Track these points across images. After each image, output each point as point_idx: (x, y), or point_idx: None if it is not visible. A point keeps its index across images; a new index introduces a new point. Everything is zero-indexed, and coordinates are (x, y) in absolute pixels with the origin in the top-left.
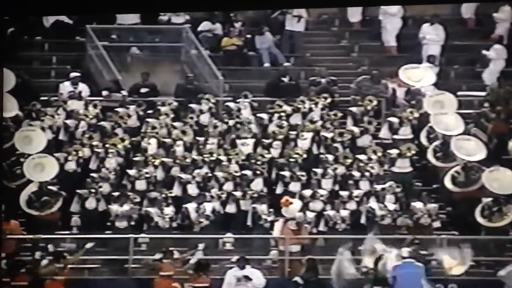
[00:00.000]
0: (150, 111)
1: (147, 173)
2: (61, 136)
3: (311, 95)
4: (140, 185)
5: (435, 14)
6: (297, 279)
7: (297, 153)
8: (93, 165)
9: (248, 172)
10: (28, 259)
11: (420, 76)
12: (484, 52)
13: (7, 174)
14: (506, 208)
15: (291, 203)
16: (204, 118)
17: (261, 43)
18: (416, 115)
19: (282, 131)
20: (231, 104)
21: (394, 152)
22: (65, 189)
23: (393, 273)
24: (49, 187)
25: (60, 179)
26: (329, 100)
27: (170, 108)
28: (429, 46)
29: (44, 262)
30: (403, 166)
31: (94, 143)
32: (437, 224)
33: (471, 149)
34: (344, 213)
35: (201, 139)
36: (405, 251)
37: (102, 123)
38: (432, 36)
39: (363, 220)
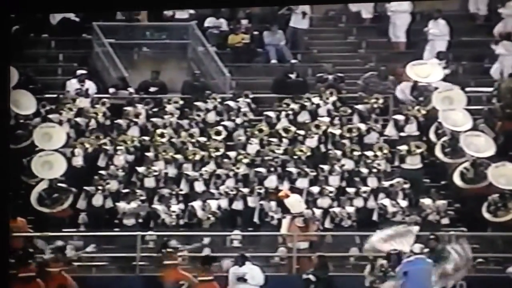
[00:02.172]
0: (156, 109)
1: (155, 171)
2: (71, 134)
3: (321, 91)
4: (149, 182)
5: (437, 10)
6: (310, 276)
7: (301, 151)
8: (101, 162)
9: (262, 170)
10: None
11: (427, 72)
12: (493, 46)
13: (26, 170)
14: (511, 203)
15: (288, 195)
16: (210, 117)
17: (268, 40)
18: (423, 112)
19: (291, 129)
20: (231, 103)
21: (403, 148)
22: (73, 186)
23: (404, 269)
24: (59, 184)
25: (67, 176)
26: (335, 95)
27: (175, 107)
28: (434, 42)
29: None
30: (413, 163)
31: (103, 140)
32: (445, 221)
33: (481, 146)
34: (350, 209)
35: (205, 139)
36: (417, 247)
37: (118, 121)
38: (434, 31)
39: (375, 217)
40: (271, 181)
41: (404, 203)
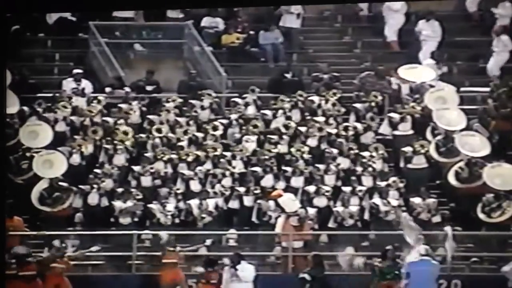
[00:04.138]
0: (151, 108)
1: (151, 167)
2: (66, 132)
3: (321, 91)
4: (146, 181)
5: (429, 11)
6: (305, 275)
7: (299, 150)
8: (103, 159)
9: (258, 169)
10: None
11: (420, 74)
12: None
13: (14, 168)
14: (506, 203)
15: (280, 195)
16: (205, 114)
17: (265, 39)
18: (419, 108)
19: (290, 127)
20: (238, 100)
21: (408, 150)
22: (70, 184)
23: (407, 270)
24: (60, 183)
25: (65, 175)
26: (338, 95)
27: (174, 106)
28: (427, 43)
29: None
30: (419, 162)
31: (98, 138)
32: (437, 219)
33: (476, 145)
34: (353, 209)
35: (202, 135)
36: (423, 248)
37: (107, 118)
38: (428, 32)
39: (366, 216)
40: (268, 180)
41: (395, 202)
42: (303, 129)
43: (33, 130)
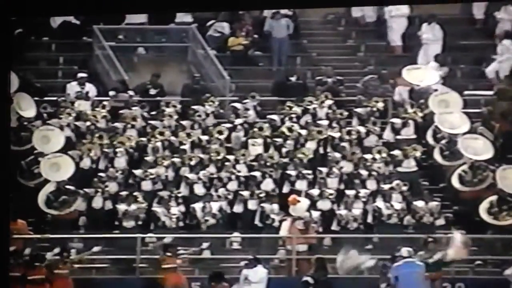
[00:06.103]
0: (154, 112)
1: (152, 174)
2: (72, 137)
3: (316, 94)
4: (146, 185)
5: (431, 15)
6: (308, 279)
7: (302, 153)
8: (102, 164)
9: (257, 174)
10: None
11: (422, 76)
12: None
13: (25, 173)
14: None
15: (298, 201)
16: (209, 120)
17: (272, 27)
18: (420, 114)
19: (293, 132)
20: (238, 105)
21: (398, 153)
22: (79, 188)
23: (395, 273)
24: (67, 186)
25: (72, 178)
26: (330, 99)
27: (175, 110)
28: (429, 46)
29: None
30: (409, 165)
31: (104, 142)
32: (440, 222)
33: (479, 148)
34: (356, 212)
35: (206, 138)
36: (405, 250)
37: (116, 124)
38: (428, 35)
39: (369, 219)
40: (267, 184)
41: (398, 206)
42: (305, 132)
43: (45, 135)
